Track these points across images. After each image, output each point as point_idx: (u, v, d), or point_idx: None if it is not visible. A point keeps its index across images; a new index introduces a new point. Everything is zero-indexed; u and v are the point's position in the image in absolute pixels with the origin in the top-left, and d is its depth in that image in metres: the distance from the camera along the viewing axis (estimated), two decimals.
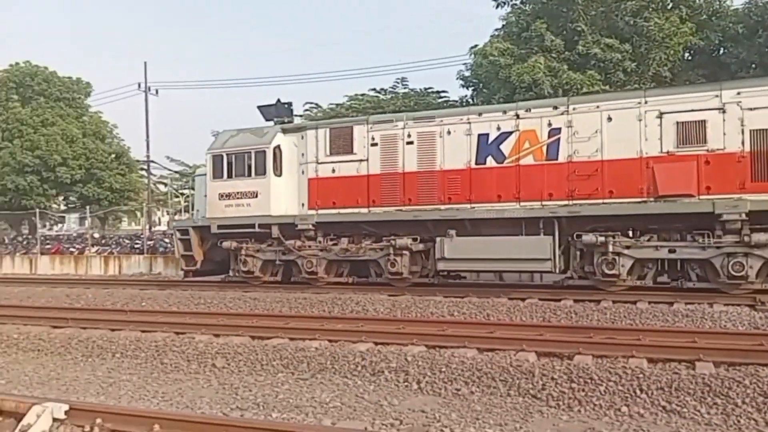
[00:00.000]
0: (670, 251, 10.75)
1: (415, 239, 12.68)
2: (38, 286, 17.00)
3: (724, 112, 10.64)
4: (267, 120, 15.53)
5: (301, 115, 27.27)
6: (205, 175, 15.09)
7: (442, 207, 12.59)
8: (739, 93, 10.63)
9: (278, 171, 14.18)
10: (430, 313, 10.02)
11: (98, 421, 4.78)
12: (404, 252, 12.68)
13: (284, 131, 14.49)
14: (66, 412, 4.90)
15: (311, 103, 29.41)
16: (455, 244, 12.15)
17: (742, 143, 10.49)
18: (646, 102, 11.22)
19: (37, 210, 28.24)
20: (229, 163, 14.46)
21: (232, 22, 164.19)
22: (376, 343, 7.59)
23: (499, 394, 5.87)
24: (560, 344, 7.01)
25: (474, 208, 12.28)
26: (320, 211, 13.80)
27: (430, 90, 26.74)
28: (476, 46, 20.62)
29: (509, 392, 5.87)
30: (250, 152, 14.28)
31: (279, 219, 13.94)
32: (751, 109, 10.46)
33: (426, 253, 12.85)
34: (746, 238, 10.10)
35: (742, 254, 10.20)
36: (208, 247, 15.17)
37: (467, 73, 22.14)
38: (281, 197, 14.14)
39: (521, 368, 6.19)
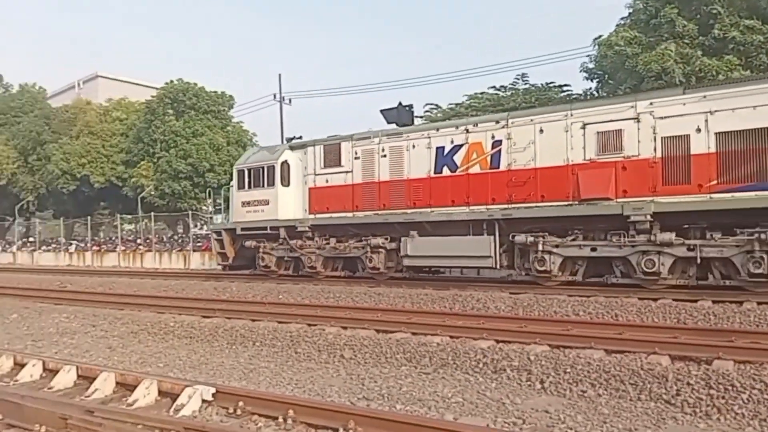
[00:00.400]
0: (592, 250, 11.61)
1: (387, 239, 14.56)
2: (191, 279, 18.81)
3: (638, 121, 11.34)
4: (389, 123, 15.93)
5: (421, 117, 27.41)
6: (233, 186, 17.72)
7: (408, 211, 14.31)
8: (651, 103, 11.28)
9: (285, 182, 16.49)
10: (554, 312, 9.74)
11: (240, 403, 5.21)
12: (380, 250, 14.61)
13: (292, 148, 16.85)
14: (213, 395, 5.38)
15: (431, 104, 29.41)
16: (416, 243, 13.95)
17: (655, 150, 11.16)
18: (571, 114, 12.14)
19: (190, 212, 31.37)
20: (249, 176, 17.07)
21: (357, 29, 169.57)
22: (498, 341, 7.54)
23: (628, 397, 5.61)
24: (697, 348, 6.53)
25: (433, 211, 13.88)
26: (316, 216, 16.06)
27: (551, 84, 25.74)
28: (600, 36, 19.63)
29: (639, 396, 5.60)
30: (264, 167, 16.76)
31: (284, 222, 16.32)
32: (662, 117, 11.10)
33: (398, 251, 14.41)
34: (653, 238, 10.72)
35: (655, 252, 10.80)
36: (239, 246, 17.73)
37: (591, 65, 21.12)
38: (288, 204, 16.47)
39: (653, 372, 5.87)
